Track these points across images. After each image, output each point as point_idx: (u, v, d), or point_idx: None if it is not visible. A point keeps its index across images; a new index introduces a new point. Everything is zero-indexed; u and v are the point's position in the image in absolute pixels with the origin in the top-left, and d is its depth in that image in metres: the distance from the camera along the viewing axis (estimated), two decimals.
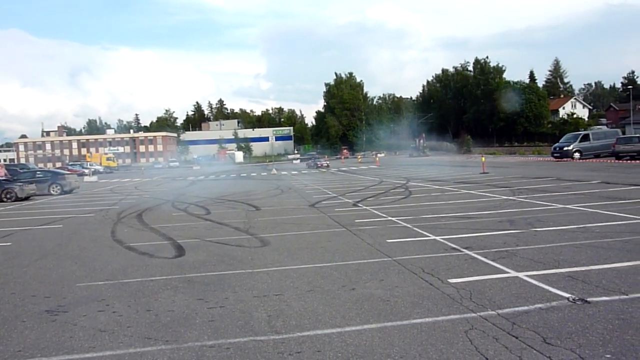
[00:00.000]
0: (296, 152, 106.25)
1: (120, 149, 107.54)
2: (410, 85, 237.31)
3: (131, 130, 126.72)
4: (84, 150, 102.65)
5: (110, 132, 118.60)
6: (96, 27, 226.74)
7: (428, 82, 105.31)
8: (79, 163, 70.40)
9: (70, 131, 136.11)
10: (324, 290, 6.16)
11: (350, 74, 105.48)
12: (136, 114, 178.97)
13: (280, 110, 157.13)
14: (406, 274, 6.70)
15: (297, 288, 6.33)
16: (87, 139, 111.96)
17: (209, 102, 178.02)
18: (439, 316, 5.02)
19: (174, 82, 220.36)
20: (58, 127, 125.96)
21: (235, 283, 6.72)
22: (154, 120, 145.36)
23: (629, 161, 30.39)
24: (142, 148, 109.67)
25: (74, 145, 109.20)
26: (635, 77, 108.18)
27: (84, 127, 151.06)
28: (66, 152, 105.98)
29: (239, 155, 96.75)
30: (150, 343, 4.70)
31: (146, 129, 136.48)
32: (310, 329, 4.87)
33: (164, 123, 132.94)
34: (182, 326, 5.12)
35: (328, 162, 49.41)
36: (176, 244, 9.92)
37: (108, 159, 79.72)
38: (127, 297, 6.32)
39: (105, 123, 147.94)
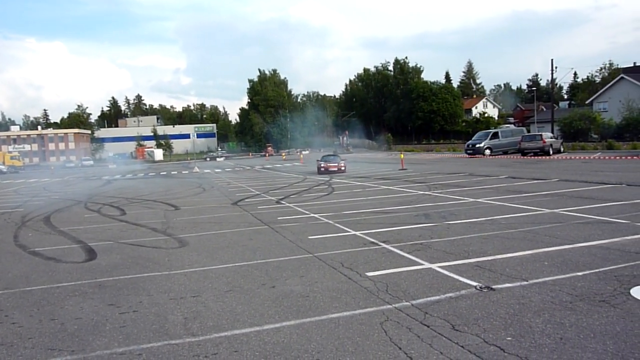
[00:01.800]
0: (219, 149, 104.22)
1: (27, 147, 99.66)
2: (333, 83, 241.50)
3: (39, 127, 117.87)
4: None
5: (14, 129, 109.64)
6: None
7: (350, 81, 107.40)
8: None
9: None
10: (243, 290, 6.08)
11: (274, 71, 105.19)
12: (44, 110, 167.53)
13: (203, 106, 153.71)
14: (326, 269, 6.78)
15: (215, 288, 6.20)
16: None
17: (126, 97, 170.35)
18: (356, 309, 5.12)
19: (87, 76, 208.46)
20: None
21: (150, 286, 6.45)
22: (65, 116, 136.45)
23: (532, 157, 32.85)
24: (51, 146, 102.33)
25: None
26: (539, 79, 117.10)
27: None
28: None
29: (159, 153, 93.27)
30: (53, 354, 4.39)
31: (56, 125, 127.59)
32: (228, 329, 4.78)
33: (76, 119, 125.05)
34: (90, 334, 4.83)
35: (344, 164, 28.52)
36: (87, 247, 9.36)
37: (12, 157, 73.46)
38: (29, 306, 5.86)
39: (9, 119, 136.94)
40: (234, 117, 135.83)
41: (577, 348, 3.94)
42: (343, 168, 28.01)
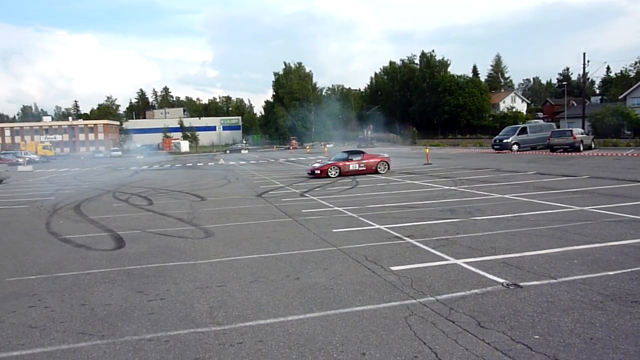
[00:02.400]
0: (244, 142, 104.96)
1: (58, 137, 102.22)
2: (358, 77, 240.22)
3: (70, 118, 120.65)
4: (17, 138, 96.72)
5: (46, 120, 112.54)
6: (28, 8, 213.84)
7: (376, 74, 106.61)
8: (12, 152, 66.31)
9: (2, 117, 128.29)
10: (267, 280, 6.13)
11: (299, 64, 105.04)
12: (75, 101, 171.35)
13: (228, 99, 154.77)
14: (350, 263, 6.78)
15: (240, 279, 6.27)
16: (22, 126, 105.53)
17: (154, 89, 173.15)
18: (381, 303, 5.11)
19: (116, 68, 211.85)
20: None
21: (177, 275, 6.57)
22: (95, 108, 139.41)
23: (561, 153, 32.11)
24: (81, 136, 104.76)
25: (7, 132, 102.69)
26: (570, 73, 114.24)
27: (17, 114, 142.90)
28: None
29: (185, 145, 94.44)
30: (84, 338, 4.51)
31: (86, 116, 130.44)
32: (253, 319, 4.83)
33: (106, 111, 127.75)
34: (119, 320, 4.95)
35: (386, 161, 22.56)
36: (116, 236, 9.57)
37: (44, 147, 75.46)
38: (60, 291, 6.04)
39: (42, 110, 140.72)
40: (258, 110, 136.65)
41: (608, 348, 3.85)
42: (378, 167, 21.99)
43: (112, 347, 4.28)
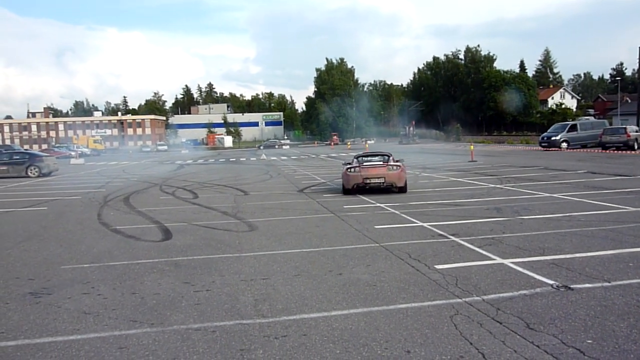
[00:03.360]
0: (286, 137, 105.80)
1: (108, 132, 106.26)
2: (401, 72, 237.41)
3: (119, 113, 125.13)
4: (70, 132, 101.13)
5: (97, 115, 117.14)
6: (81, 7, 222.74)
7: (419, 69, 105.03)
8: (65, 145, 69.43)
9: (56, 112, 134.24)
10: (310, 275, 6.17)
11: (341, 59, 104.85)
12: (124, 97, 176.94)
13: (271, 95, 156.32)
14: (393, 260, 6.72)
15: (284, 272, 6.33)
16: (74, 121, 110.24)
17: (198, 85, 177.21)
18: (425, 301, 5.05)
19: (163, 65, 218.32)
20: (44, 108, 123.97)
21: (222, 267, 6.70)
22: (142, 103, 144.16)
23: (614, 151, 30.72)
24: (130, 131, 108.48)
25: (60, 127, 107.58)
26: (623, 68, 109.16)
27: (70, 109, 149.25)
28: (52, 133, 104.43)
29: (228, 140, 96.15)
30: (135, 326, 4.68)
31: (134, 111, 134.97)
32: (297, 313, 4.88)
33: (153, 106, 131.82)
34: (167, 309, 5.10)
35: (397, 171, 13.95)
36: (163, 228, 9.86)
37: (95, 141, 78.70)
38: (112, 279, 6.28)
39: (93, 105, 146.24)
40: (300, 106, 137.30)
41: None
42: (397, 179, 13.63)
43: (161, 335, 4.42)
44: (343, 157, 37.49)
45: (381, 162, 14.11)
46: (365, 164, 14.07)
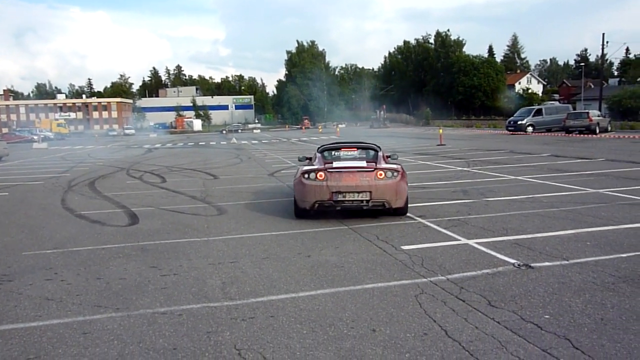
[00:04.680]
0: (256, 121, 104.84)
1: (72, 115, 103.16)
2: (372, 56, 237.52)
3: (84, 96, 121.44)
4: (32, 116, 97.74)
5: (60, 97, 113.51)
6: None
7: (390, 53, 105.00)
8: (27, 129, 67.05)
9: (17, 95, 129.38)
10: (279, 258, 6.19)
11: (312, 42, 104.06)
12: (89, 79, 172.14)
13: (241, 78, 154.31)
14: (361, 242, 6.80)
15: (252, 255, 6.33)
16: (36, 104, 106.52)
17: (166, 67, 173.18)
18: (391, 281, 5.14)
19: (129, 46, 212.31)
20: (4, 90, 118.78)
21: (190, 251, 6.65)
22: (108, 86, 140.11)
23: (577, 135, 31.64)
24: (95, 114, 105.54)
25: (22, 110, 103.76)
26: (588, 54, 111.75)
27: (32, 91, 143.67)
28: (13, 117, 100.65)
29: (198, 124, 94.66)
30: (99, 311, 4.61)
31: (99, 94, 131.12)
32: (265, 295, 4.89)
33: (119, 89, 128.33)
34: (133, 294, 5.04)
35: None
36: (130, 212, 9.69)
37: (59, 125, 76.27)
38: (76, 265, 6.15)
39: (56, 87, 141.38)
40: (271, 89, 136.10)
41: (619, 329, 3.84)
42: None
43: (127, 320, 4.37)
44: (315, 141, 37.41)
45: (364, 164, 8.11)
46: (336, 164, 8.09)
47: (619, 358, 3.40)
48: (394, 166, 8.16)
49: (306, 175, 7.94)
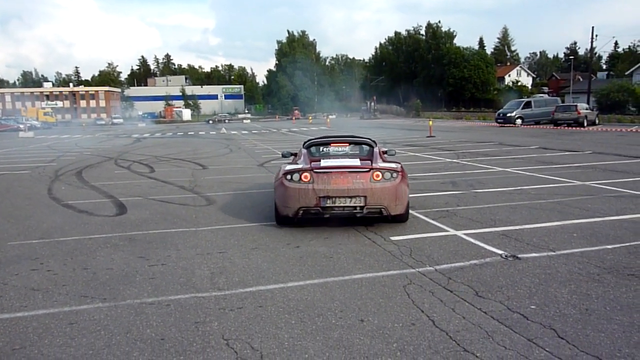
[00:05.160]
0: (246, 111, 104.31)
1: (59, 104, 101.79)
2: (363, 47, 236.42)
3: (71, 84, 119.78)
4: (18, 104, 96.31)
5: (47, 85, 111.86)
6: None
7: (381, 44, 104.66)
8: (13, 118, 66.02)
9: (2, 83, 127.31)
10: (268, 248, 6.18)
11: (303, 32, 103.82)
12: (76, 67, 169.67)
13: (231, 67, 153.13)
14: (350, 232, 6.80)
15: (241, 246, 6.31)
16: (22, 92, 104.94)
17: (155, 56, 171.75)
18: (380, 272, 5.16)
19: (117, 34, 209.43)
20: None
21: (178, 241, 6.61)
22: (96, 74, 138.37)
23: (565, 128, 31.90)
24: (83, 103, 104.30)
25: (7, 98, 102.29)
26: (577, 48, 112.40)
27: (18, 79, 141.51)
28: None
29: (187, 113, 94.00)
30: (86, 301, 4.58)
31: (87, 83, 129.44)
32: (253, 285, 4.89)
33: (107, 77, 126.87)
34: (121, 284, 5.01)
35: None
36: (118, 202, 9.61)
37: (45, 113, 75.34)
38: (63, 255, 6.09)
39: (42, 75, 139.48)
40: (261, 79, 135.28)
41: (603, 319, 3.89)
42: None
43: (114, 310, 4.35)
44: (305, 132, 37.30)
45: (357, 162, 7.12)
46: (324, 163, 7.07)
47: (603, 348, 3.45)
48: (393, 165, 7.04)
49: (288, 177, 6.80)
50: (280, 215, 7.10)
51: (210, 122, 73.21)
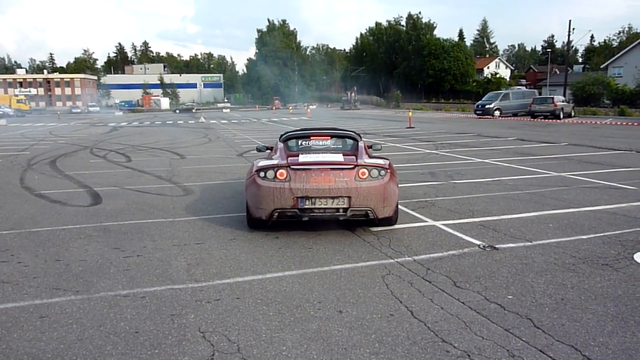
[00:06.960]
0: (226, 100, 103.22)
1: (33, 91, 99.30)
2: (344, 37, 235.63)
3: (45, 71, 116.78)
4: None
5: (20, 72, 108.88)
6: None
7: (361, 34, 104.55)
8: None
9: None
10: (246, 239, 6.10)
11: (284, 21, 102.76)
12: (50, 54, 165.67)
13: (210, 55, 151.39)
14: (330, 223, 6.77)
15: (219, 237, 6.23)
16: None
17: (133, 43, 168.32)
18: (358, 262, 5.14)
19: (93, 20, 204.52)
20: None
21: (154, 232, 6.49)
22: (71, 61, 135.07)
23: (542, 120, 32.38)
24: (57, 90, 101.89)
25: None
26: (554, 41, 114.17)
27: None
28: None
29: (165, 102, 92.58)
30: (58, 294, 4.45)
31: (62, 70, 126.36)
32: (231, 276, 4.82)
33: (83, 64, 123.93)
34: (94, 276, 4.89)
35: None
36: (92, 192, 9.40)
37: (19, 101, 73.11)
38: (34, 246, 5.92)
39: (15, 62, 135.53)
40: (241, 68, 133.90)
41: (578, 309, 3.94)
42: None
43: (87, 303, 4.24)
44: (285, 122, 37.09)
45: (340, 157, 6.35)
46: (303, 158, 6.30)
47: (578, 337, 3.49)
48: (381, 162, 6.27)
49: (262, 174, 6.04)
50: (252, 218, 6.32)
51: (177, 111, 71.83)
